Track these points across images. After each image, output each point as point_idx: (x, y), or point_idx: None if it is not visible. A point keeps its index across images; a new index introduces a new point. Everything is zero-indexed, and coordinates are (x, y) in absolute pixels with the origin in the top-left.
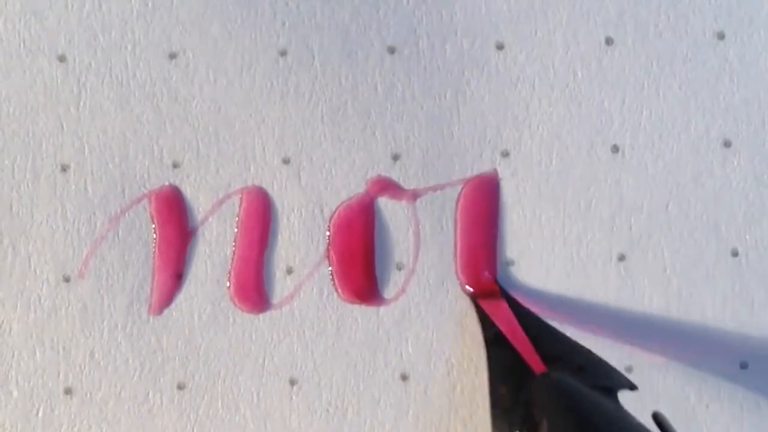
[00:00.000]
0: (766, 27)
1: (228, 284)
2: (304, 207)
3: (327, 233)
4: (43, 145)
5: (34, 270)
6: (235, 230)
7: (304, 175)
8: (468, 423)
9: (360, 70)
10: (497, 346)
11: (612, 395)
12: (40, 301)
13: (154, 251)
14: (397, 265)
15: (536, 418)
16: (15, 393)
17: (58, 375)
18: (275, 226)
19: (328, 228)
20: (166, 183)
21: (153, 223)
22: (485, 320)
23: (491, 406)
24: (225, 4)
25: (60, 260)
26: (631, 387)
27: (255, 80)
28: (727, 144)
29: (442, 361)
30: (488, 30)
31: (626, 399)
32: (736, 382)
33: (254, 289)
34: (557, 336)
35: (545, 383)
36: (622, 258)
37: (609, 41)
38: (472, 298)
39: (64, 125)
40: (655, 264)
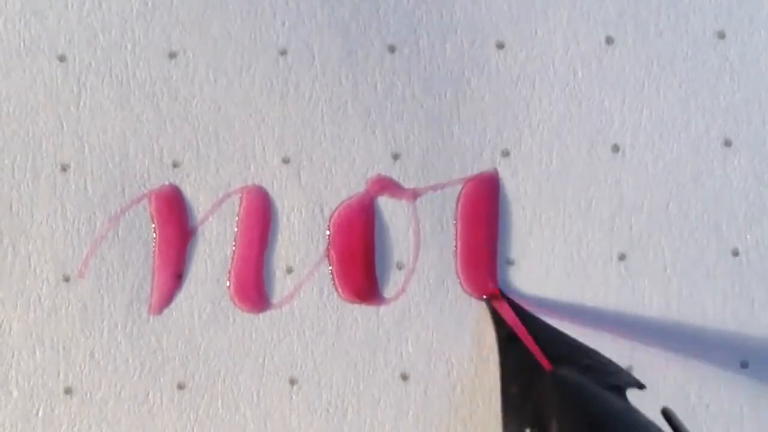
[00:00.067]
0: (767, 26)
1: (228, 284)
2: (304, 206)
3: (327, 233)
4: (43, 145)
5: (34, 269)
6: (235, 230)
7: (304, 175)
8: (468, 423)
9: (360, 69)
10: (509, 345)
11: (620, 394)
12: (40, 300)
13: (154, 251)
14: (398, 265)
15: (546, 416)
16: (15, 393)
17: (58, 375)
18: (275, 225)
19: (328, 227)
20: (166, 182)
21: (153, 222)
22: (499, 320)
23: (502, 404)
24: (225, 4)
25: (60, 260)
26: (639, 386)
27: (255, 80)
28: (728, 143)
29: (443, 361)
30: (488, 29)
31: (628, 398)
32: (737, 382)
33: (254, 288)
34: (563, 337)
35: (555, 382)
36: (622, 257)
37: (609, 40)
38: (486, 299)
39: (64, 125)
40: (655, 264)
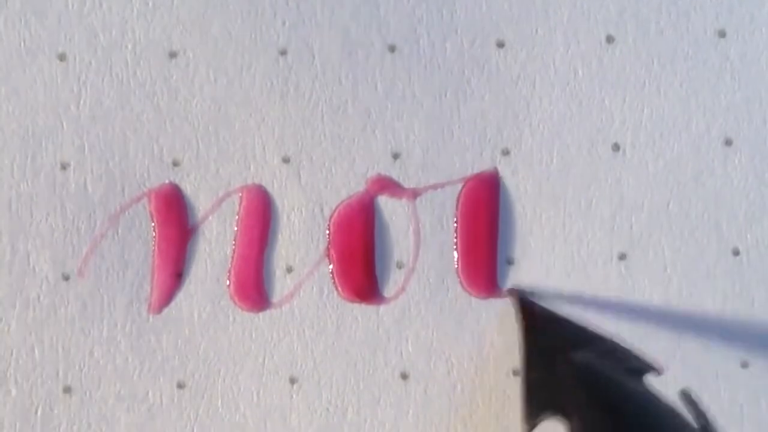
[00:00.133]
0: None
1: (228, 283)
2: (304, 206)
3: (327, 232)
4: (42, 144)
5: (33, 268)
6: (235, 229)
7: (304, 174)
8: (468, 422)
9: (360, 68)
10: (530, 332)
11: (639, 378)
12: (39, 299)
13: (153, 250)
14: (398, 264)
15: (567, 401)
16: (14, 392)
17: (57, 374)
18: (275, 224)
19: (328, 227)
20: (166, 181)
21: (153, 221)
22: (519, 308)
23: (523, 390)
24: (225, 4)
25: (59, 258)
26: (657, 370)
27: (255, 79)
28: (728, 142)
29: (443, 360)
30: (489, 28)
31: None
32: (737, 381)
33: (254, 287)
34: (581, 324)
35: (575, 367)
36: (622, 257)
37: (610, 39)
38: (509, 291)
39: (64, 123)
40: (655, 263)
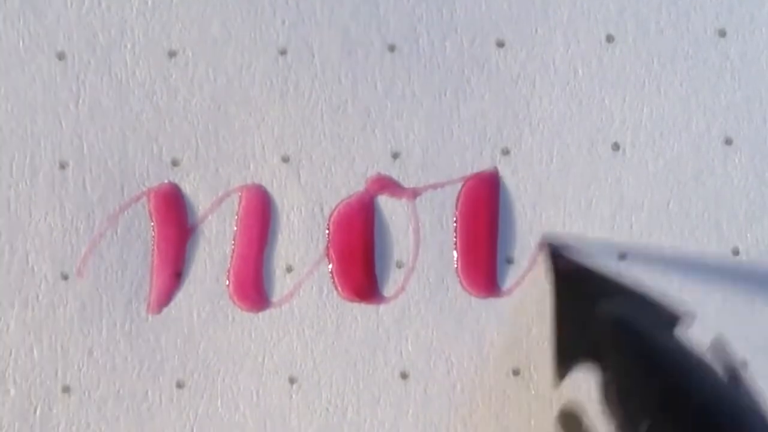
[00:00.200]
0: None
1: (227, 283)
2: (303, 205)
3: (326, 231)
4: (41, 143)
5: (32, 268)
6: (235, 228)
7: (303, 174)
8: (468, 422)
9: (360, 68)
10: (562, 284)
11: (670, 328)
12: (38, 299)
13: (153, 249)
14: (397, 264)
15: (600, 352)
16: (12, 391)
17: (56, 373)
18: (275, 224)
19: (328, 226)
20: (165, 181)
21: (152, 221)
22: (552, 261)
23: (555, 344)
24: (224, 3)
25: (58, 258)
26: (689, 321)
27: (254, 79)
28: (729, 142)
29: (442, 360)
30: (488, 28)
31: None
32: None
33: (253, 287)
34: (613, 276)
35: (608, 318)
36: (622, 256)
37: (610, 39)
38: (541, 243)
39: (63, 123)
40: (655, 263)
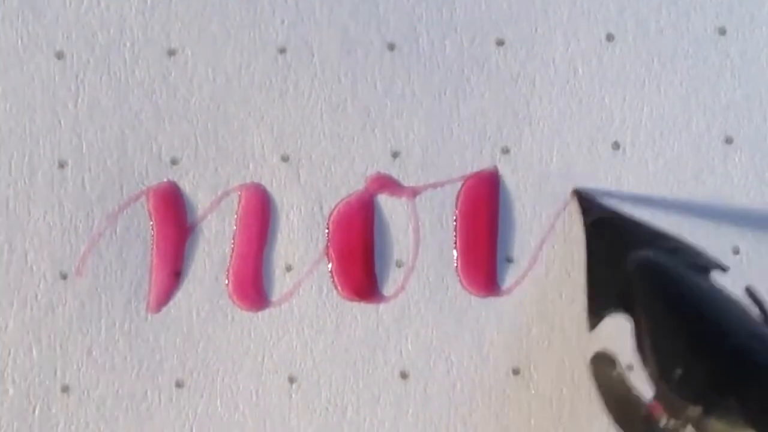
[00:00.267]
0: None
1: (227, 282)
2: (303, 204)
3: (326, 230)
4: (40, 142)
5: (31, 267)
6: (234, 228)
7: (303, 173)
8: (468, 421)
9: (359, 67)
10: (595, 230)
11: (705, 274)
12: (36, 298)
13: (152, 248)
14: (397, 263)
15: (632, 296)
16: (11, 391)
17: (55, 373)
18: (274, 223)
19: (328, 225)
20: (165, 180)
21: (151, 220)
22: (585, 208)
23: (588, 288)
24: (224, 2)
25: (57, 257)
26: (723, 268)
27: (254, 77)
28: (729, 141)
29: (442, 359)
30: (488, 26)
31: None
32: None
33: (253, 286)
34: (646, 223)
35: (641, 263)
36: None
37: (610, 38)
38: (574, 191)
39: (62, 122)
40: None
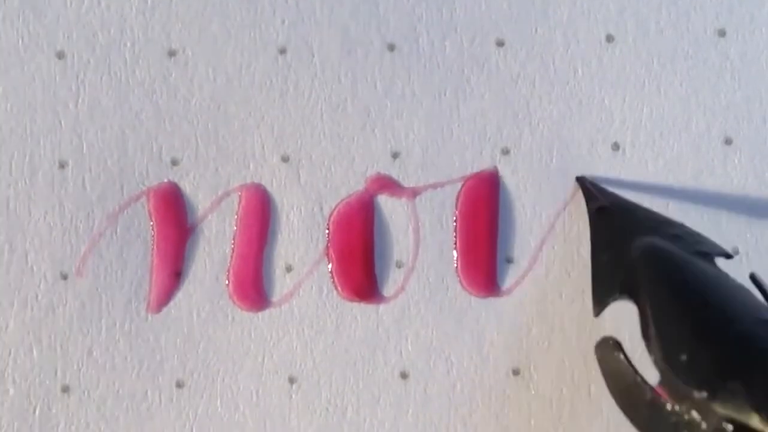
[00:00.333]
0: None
1: (227, 282)
2: (303, 205)
3: (326, 231)
4: (40, 142)
5: (31, 267)
6: (234, 228)
7: (303, 173)
8: (468, 422)
9: (359, 67)
10: (599, 216)
11: (709, 261)
12: (37, 298)
13: (152, 249)
14: (397, 263)
15: (636, 282)
16: (11, 391)
17: (56, 373)
18: (274, 223)
19: (328, 226)
20: (165, 180)
21: (151, 220)
22: (589, 195)
23: (593, 274)
24: (224, 2)
25: (57, 258)
26: (727, 255)
27: (254, 78)
28: (728, 142)
29: (442, 360)
30: (488, 27)
31: None
32: None
33: (253, 287)
34: (649, 210)
35: (644, 249)
36: None
37: (609, 38)
38: (577, 179)
39: (62, 122)
40: None
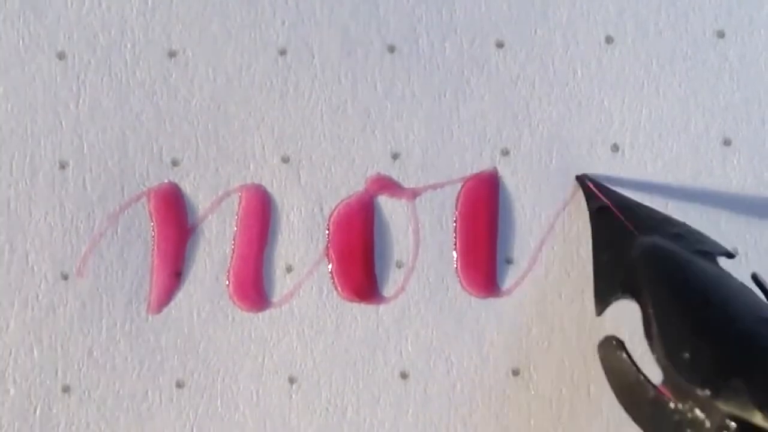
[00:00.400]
0: (766, 26)
1: (227, 282)
2: (303, 205)
3: (326, 231)
4: (41, 143)
5: (32, 267)
6: (235, 228)
7: (303, 174)
8: (468, 422)
9: (359, 68)
10: (600, 216)
11: (711, 260)
12: (37, 298)
13: (153, 249)
14: (397, 264)
15: (638, 281)
16: (12, 391)
17: (56, 373)
18: (275, 224)
19: (328, 226)
20: (165, 181)
21: (152, 221)
22: (590, 194)
23: (594, 274)
24: (225, 3)
25: (58, 258)
26: (729, 254)
27: (254, 79)
28: (727, 143)
29: (442, 360)
30: (488, 28)
31: None
32: None
33: (253, 287)
34: (651, 209)
35: (645, 248)
36: None
37: (609, 40)
38: (577, 177)
39: (63, 122)
40: None
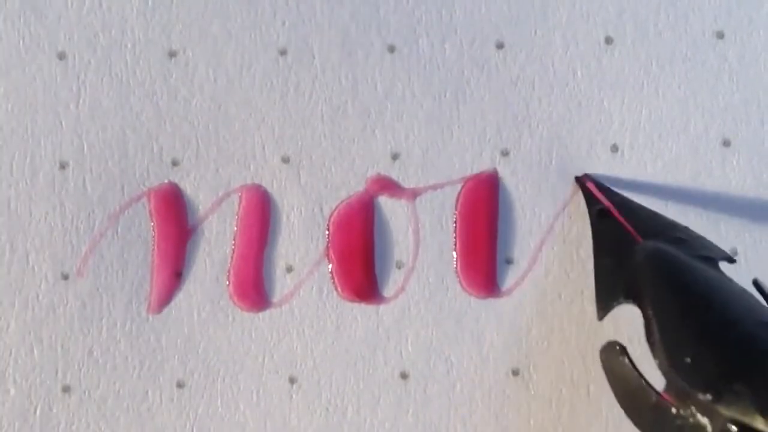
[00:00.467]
0: (766, 27)
1: (227, 283)
2: (303, 205)
3: (326, 232)
4: (41, 143)
5: (32, 267)
6: (235, 228)
7: (303, 174)
8: (468, 422)
9: (360, 69)
10: (601, 220)
11: (712, 265)
12: (38, 298)
13: (153, 249)
14: (397, 264)
15: (639, 286)
16: (12, 391)
17: (56, 373)
18: (275, 224)
19: (328, 226)
20: (166, 181)
21: (152, 221)
22: (591, 197)
23: (596, 278)
24: (225, 3)
25: (58, 258)
26: (730, 259)
27: (255, 79)
28: (727, 143)
29: (442, 360)
30: (488, 29)
31: None
32: None
33: (254, 287)
34: (653, 213)
35: (647, 253)
36: None
37: (608, 40)
38: (578, 179)
39: (63, 123)
40: None
